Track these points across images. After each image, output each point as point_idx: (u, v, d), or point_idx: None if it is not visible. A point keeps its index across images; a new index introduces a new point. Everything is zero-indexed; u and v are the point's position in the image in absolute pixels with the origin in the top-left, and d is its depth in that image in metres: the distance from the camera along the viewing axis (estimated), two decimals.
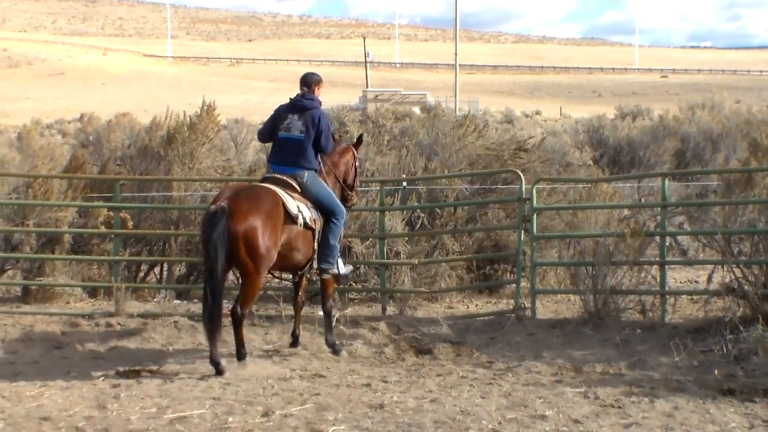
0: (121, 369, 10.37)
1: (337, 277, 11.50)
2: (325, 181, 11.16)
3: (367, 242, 14.00)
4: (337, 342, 11.37)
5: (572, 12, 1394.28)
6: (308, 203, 10.75)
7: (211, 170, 16.08)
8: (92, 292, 14.53)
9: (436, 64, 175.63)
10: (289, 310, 12.75)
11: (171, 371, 10.31)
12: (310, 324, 12.19)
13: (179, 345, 11.65)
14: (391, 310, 13.13)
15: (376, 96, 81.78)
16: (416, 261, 13.73)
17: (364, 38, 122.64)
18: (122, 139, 19.90)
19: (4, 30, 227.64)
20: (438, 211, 14.92)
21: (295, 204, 10.49)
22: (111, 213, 14.23)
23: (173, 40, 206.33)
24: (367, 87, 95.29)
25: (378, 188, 14.05)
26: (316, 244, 10.85)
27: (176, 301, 13.95)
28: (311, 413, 8.65)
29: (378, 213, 13.65)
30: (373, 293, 13.90)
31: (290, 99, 11.22)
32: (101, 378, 10.09)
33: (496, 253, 14.71)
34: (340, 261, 11.20)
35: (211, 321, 10.03)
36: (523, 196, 12.65)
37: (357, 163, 11.86)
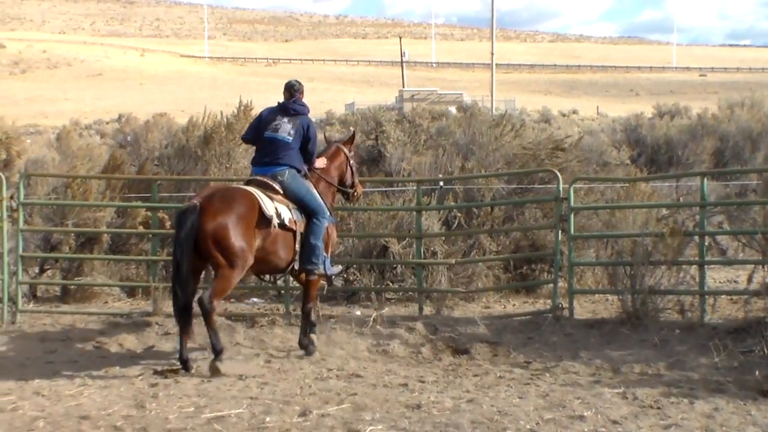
0: (158, 368, 10.42)
1: (328, 278, 11.42)
2: (314, 185, 11.19)
3: (404, 242, 13.98)
4: (312, 345, 11.30)
5: (609, 10, 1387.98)
6: (290, 204, 10.74)
7: (248, 170, 16.05)
8: (130, 292, 14.61)
9: (473, 63, 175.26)
10: (326, 310, 12.79)
11: (209, 370, 10.32)
12: (347, 323, 12.19)
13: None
14: (428, 309, 13.11)
15: (413, 95, 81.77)
16: (453, 261, 13.70)
17: (401, 38, 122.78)
18: (160, 139, 20.05)
19: (43, 32, 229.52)
20: (475, 210, 14.88)
21: (273, 206, 10.48)
22: (149, 213, 14.30)
23: (210, 40, 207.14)
24: (403, 86, 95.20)
25: (415, 188, 14.03)
26: (297, 246, 10.81)
27: None
28: (348, 413, 8.65)
29: (415, 213, 13.63)
30: (410, 293, 13.88)
31: (279, 103, 11.26)
32: (139, 377, 10.15)
33: (533, 253, 14.65)
34: (327, 261, 11.15)
35: (179, 317, 10.10)
36: (561, 196, 12.58)
37: (351, 162, 11.86)
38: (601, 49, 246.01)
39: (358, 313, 12.97)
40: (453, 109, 38.64)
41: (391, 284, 14.15)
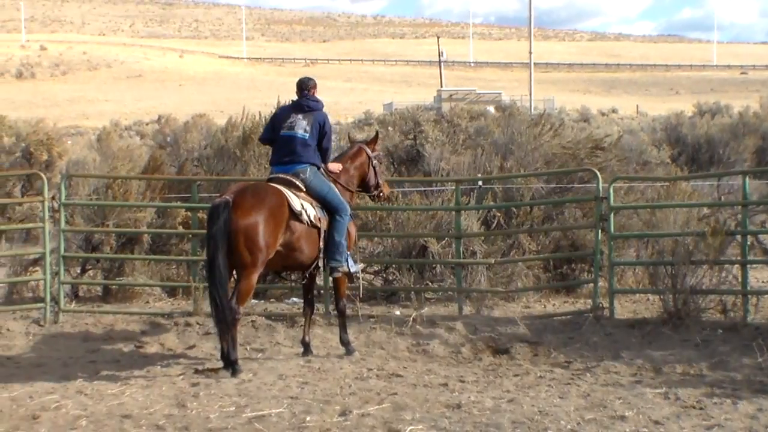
0: (199, 368, 10.48)
1: (349, 275, 11.34)
2: (335, 183, 11.17)
3: (443, 242, 13.97)
4: (351, 341, 11.35)
5: (649, 9, 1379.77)
6: (313, 202, 10.74)
7: None
8: (171, 292, 14.69)
9: (511, 63, 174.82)
10: (365, 310, 12.80)
11: (249, 369, 10.37)
12: (387, 323, 12.21)
13: (257, 344, 11.73)
14: (467, 309, 13.09)
15: (451, 95, 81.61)
16: (492, 260, 13.67)
17: (438, 38, 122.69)
18: (199, 139, 20.14)
19: (83, 33, 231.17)
20: (514, 210, 14.84)
21: (299, 202, 10.49)
22: (189, 213, 14.37)
23: (248, 41, 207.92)
24: (441, 86, 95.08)
25: (454, 187, 14.01)
26: (321, 243, 10.80)
27: (253, 301, 14.03)
28: (388, 413, 8.65)
29: (454, 212, 13.61)
30: (450, 293, 13.87)
31: (293, 101, 11.25)
32: (180, 377, 10.20)
33: (573, 253, 14.59)
34: (350, 259, 11.14)
35: (220, 317, 10.00)
36: (600, 195, 12.53)
37: (374, 162, 11.81)
38: (641, 47, 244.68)
39: (398, 312, 12.97)
40: (491, 109, 38.49)
41: (430, 284, 14.14)
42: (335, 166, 11.41)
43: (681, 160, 24.57)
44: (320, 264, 10.88)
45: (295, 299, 14.01)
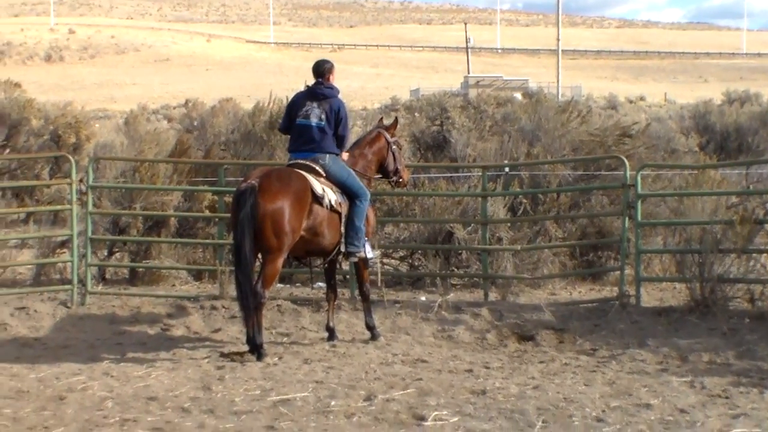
0: (225, 351, 10.51)
1: (365, 261, 11.28)
2: (353, 167, 11.12)
3: (469, 228, 13.95)
4: (376, 326, 11.36)
5: None
6: (333, 187, 10.70)
7: None
8: (197, 275, 14.74)
9: (538, 49, 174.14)
10: (391, 295, 12.79)
11: (274, 353, 10.40)
12: (412, 309, 12.21)
13: (282, 328, 11.76)
14: (493, 296, 13.08)
15: (478, 81, 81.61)
16: (518, 247, 13.65)
17: (466, 24, 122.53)
18: (226, 124, 20.17)
19: (111, 17, 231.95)
20: (540, 197, 14.80)
21: (320, 186, 10.46)
22: (215, 197, 14.41)
23: (276, 26, 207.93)
24: (468, 72, 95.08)
25: (480, 174, 13.98)
26: (342, 228, 10.79)
27: (279, 285, 14.06)
28: (413, 398, 8.65)
29: (480, 198, 13.58)
30: (475, 279, 13.86)
31: (307, 86, 11.15)
32: (206, 360, 10.24)
33: (599, 240, 14.55)
34: (367, 245, 11.11)
35: (245, 301, 10.02)
36: (628, 183, 12.47)
37: (393, 147, 11.74)
38: (670, 34, 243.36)
39: (423, 298, 12.97)
40: (518, 96, 38.46)
41: (456, 270, 14.13)
42: (345, 155, 11.36)
43: (709, 148, 24.40)
44: (342, 249, 10.88)
45: (320, 284, 13.99)
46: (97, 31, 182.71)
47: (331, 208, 10.56)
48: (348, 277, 13.19)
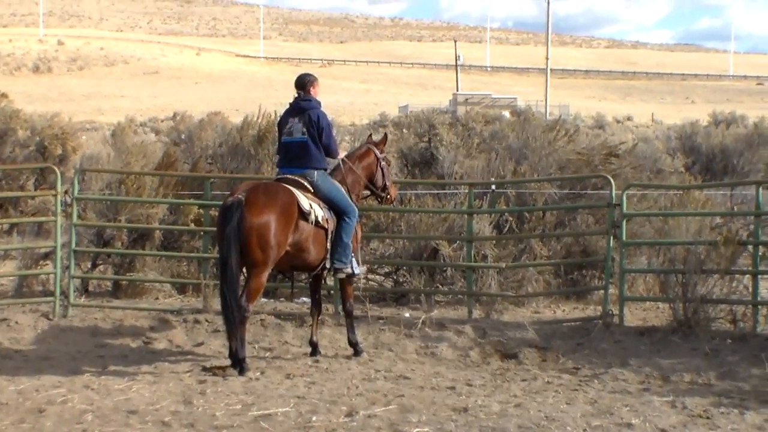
0: (207, 365, 10.48)
1: (351, 277, 11.26)
2: (342, 183, 11.12)
3: (455, 245, 13.95)
4: (359, 342, 11.35)
5: (667, 17, 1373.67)
6: (320, 203, 10.69)
7: None
8: (181, 289, 14.68)
9: (527, 68, 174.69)
10: (375, 311, 12.78)
11: (256, 368, 10.37)
12: (396, 325, 12.20)
13: (265, 343, 11.73)
14: (477, 313, 13.07)
15: (467, 99, 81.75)
16: (503, 265, 13.65)
17: (455, 41, 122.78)
18: (214, 137, 20.13)
19: (101, 29, 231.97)
20: (526, 215, 14.82)
21: (307, 202, 10.45)
22: (201, 210, 14.38)
23: (266, 40, 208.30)
24: (457, 90, 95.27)
25: (467, 191, 13.99)
26: (328, 244, 10.77)
27: (263, 299, 14.02)
28: (395, 414, 8.64)
29: (466, 216, 13.58)
30: (460, 296, 13.84)
31: (290, 103, 11.16)
32: (188, 373, 10.21)
33: (584, 259, 14.57)
34: (354, 260, 11.11)
35: (230, 316, 9.99)
36: (613, 202, 12.49)
37: (382, 163, 11.74)
38: (658, 55, 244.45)
39: (407, 314, 12.95)
40: (507, 114, 38.50)
41: (440, 287, 14.12)
42: (342, 155, 11.39)
43: (695, 169, 24.47)
44: (327, 265, 10.87)
45: (305, 299, 13.99)
46: (86, 42, 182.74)
47: (317, 224, 10.55)
48: (332, 292, 13.18)
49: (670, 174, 20.98)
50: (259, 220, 9.96)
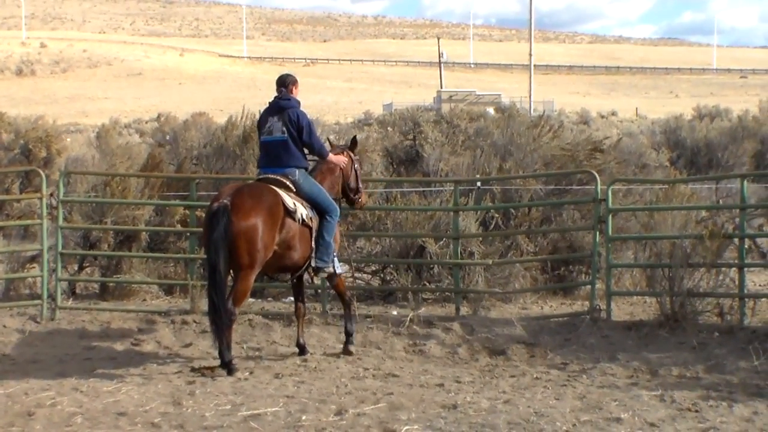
0: (196, 366, 10.48)
1: (332, 277, 11.29)
2: (321, 183, 11.11)
3: (441, 242, 13.96)
4: (354, 334, 11.41)
5: (649, 12, 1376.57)
6: (303, 202, 10.70)
7: None
8: (168, 290, 14.68)
9: (511, 64, 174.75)
10: (362, 310, 12.78)
11: (245, 368, 10.37)
12: (383, 323, 12.22)
13: (253, 343, 11.73)
14: (464, 310, 13.08)
15: (451, 96, 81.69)
16: (490, 261, 13.66)
17: (439, 39, 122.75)
18: (198, 138, 20.12)
19: (84, 31, 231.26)
20: (512, 211, 14.84)
21: (291, 201, 10.46)
22: (187, 211, 14.36)
23: (249, 40, 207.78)
24: (441, 87, 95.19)
25: (452, 188, 14.00)
26: (313, 243, 10.80)
27: (251, 300, 13.99)
28: (384, 412, 8.65)
29: (452, 213, 13.60)
30: (447, 293, 13.85)
31: (269, 103, 11.16)
32: (177, 374, 10.21)
33: (570, 254, 14.59)
34: (336, 260, 11.12)
35: (217, 319, 9.99)
36: (599, 197, 12.52)
37: (356, 165, 11.79)
38: (641, 50, 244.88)
39: (395, 312, 12.97)
40: (491, 110, 38.49)
41: (428, 284, 14.12)
42: (339, 159, 11.39)
43: (680, 163, 24.55)
44: (312, 264, 10.87)
45: (292, 298, 14.00)
46: (69, 44, 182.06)
47: (303, 223, 10.55)
48: (319, 291, 13.18)
49: (655, 168, 21.05)
50: (246, 224, 9.95)
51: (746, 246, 12.45)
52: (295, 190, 10.70)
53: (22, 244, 16.03)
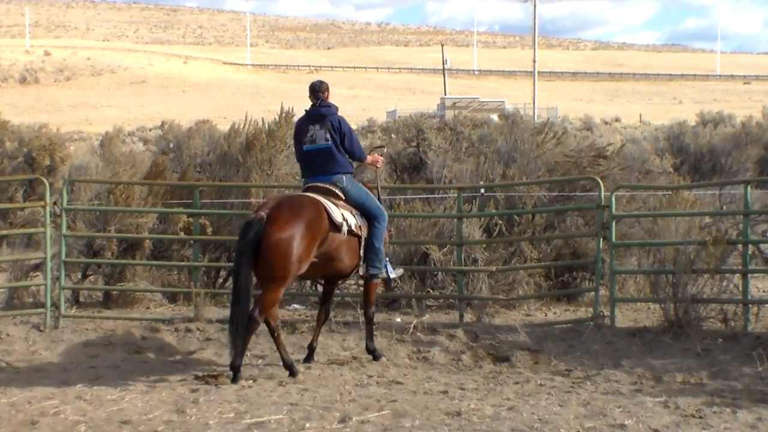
0: (199, 374, 10.47)
1: (387, 281, 11.33)
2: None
3: (445, 249, 13.95)
4: (377, 348, 11.37)
5: (653, 18, 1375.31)
6: (353, 210, 10.70)
7: (289, 177, 16.17)
8: (172, 298, 14.66)
9: (515, 71, 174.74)
10: None
11: (249, 376, 10.37)
12: (387, 330, 12.21)
13: (257, 350, 11.71)
14: (468, 317, 13.07)
15: (454, 103, 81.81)
16: (494, 268, 13.66)
17: (443, 45, 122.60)
18: (202, 146, 20.12)
19: (87, 39, 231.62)
20: (516, 218, 14.82)
21: (339, 212, 10.44)
22: (191, 219, 14.35)
23: (253, 48, 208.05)
24: (445, 94, 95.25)
25: (456, 195, 14.00)
26: (362, 251, 10.79)
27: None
28: (388, 420, 8.64)
29: (455, 220, 13.59)
30: (451, 300, 13.85)
31: (306, 111, 11.11)
32: (180, 383, 10.20)
33: (574, 261, 14.57)
34: (388, 265, 11.12)
35: (238, 321, 10.00)
36: (602, 204, 12.52)
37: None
38: (645, 56, 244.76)
39: (399, 320, 12.96)
40: (495, 117, 38.51)
41: (431, 291, 14.12)
42: (375, 158, 11.46)
43: (683, 170, 24.55)
44: (361, 272, 10.87)
45: (296, 306, 14.01)
46: (72, 53, 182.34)
47: (351, 233, 10.54)
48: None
49: (658, 174, 21.04)
50: (279, 236, 9.91)
51: (750, 252, 12.43)
52: (344, 197, 10.69)
53: (25, 252, 16.05)
